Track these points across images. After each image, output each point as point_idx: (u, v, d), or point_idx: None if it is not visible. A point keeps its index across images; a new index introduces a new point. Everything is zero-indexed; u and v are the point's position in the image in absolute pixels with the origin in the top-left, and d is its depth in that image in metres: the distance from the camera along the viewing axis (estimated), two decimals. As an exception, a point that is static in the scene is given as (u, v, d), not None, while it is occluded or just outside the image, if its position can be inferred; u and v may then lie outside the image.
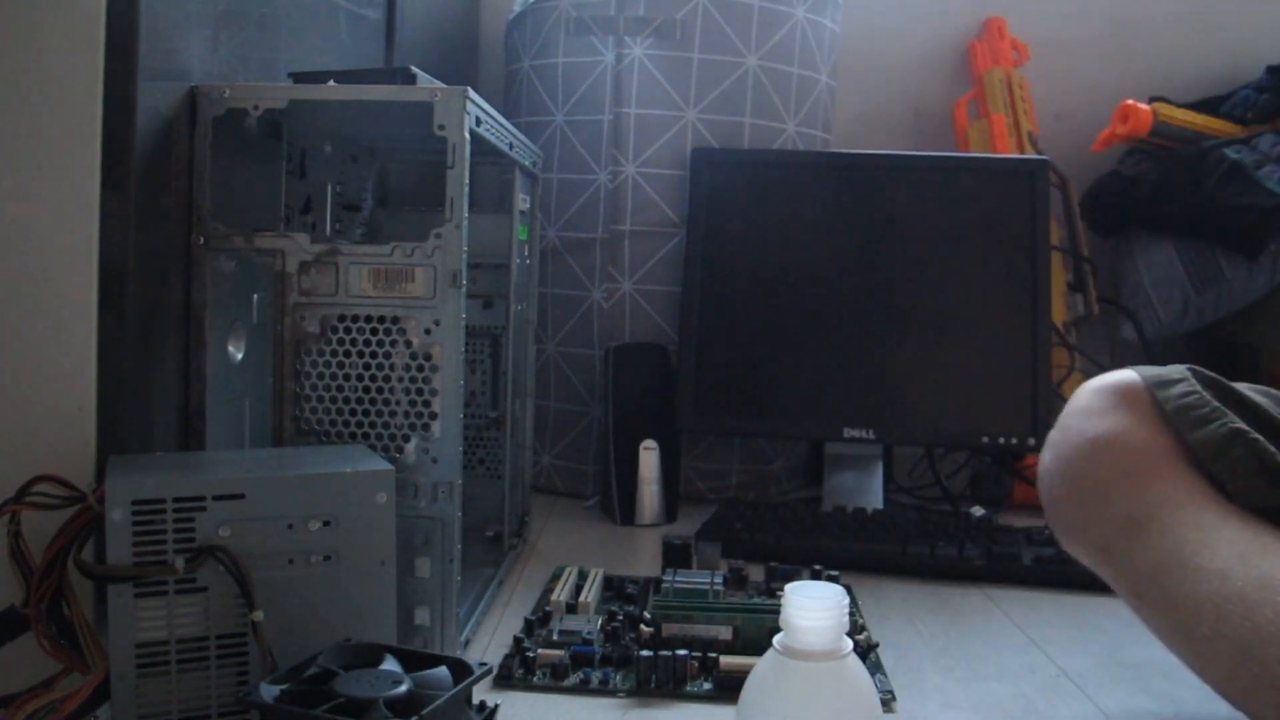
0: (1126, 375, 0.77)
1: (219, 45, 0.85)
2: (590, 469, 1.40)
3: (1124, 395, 0.76)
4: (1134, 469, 0.73)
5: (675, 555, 1.00)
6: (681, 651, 0.79)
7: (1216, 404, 0.73)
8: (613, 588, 1.00)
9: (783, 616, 0.54)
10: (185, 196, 0.80)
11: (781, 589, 0.91)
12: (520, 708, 0.76)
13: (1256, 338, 1.47)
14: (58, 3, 0.71)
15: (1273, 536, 0.67)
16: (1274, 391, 0.76)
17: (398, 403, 0.81)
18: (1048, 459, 0.80)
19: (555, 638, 0.86)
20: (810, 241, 1.33)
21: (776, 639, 0.54)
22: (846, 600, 0.55)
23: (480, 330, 1.22)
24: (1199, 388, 0.74)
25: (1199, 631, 0.65)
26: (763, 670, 0.55)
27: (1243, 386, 0.75)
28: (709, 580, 0.89)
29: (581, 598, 0.93)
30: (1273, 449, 0.70)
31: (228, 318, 0.83)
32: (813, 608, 0.53)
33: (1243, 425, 0.71)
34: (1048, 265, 1.30)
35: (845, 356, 1.31)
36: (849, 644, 0.54)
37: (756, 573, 0.98)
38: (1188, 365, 0.76)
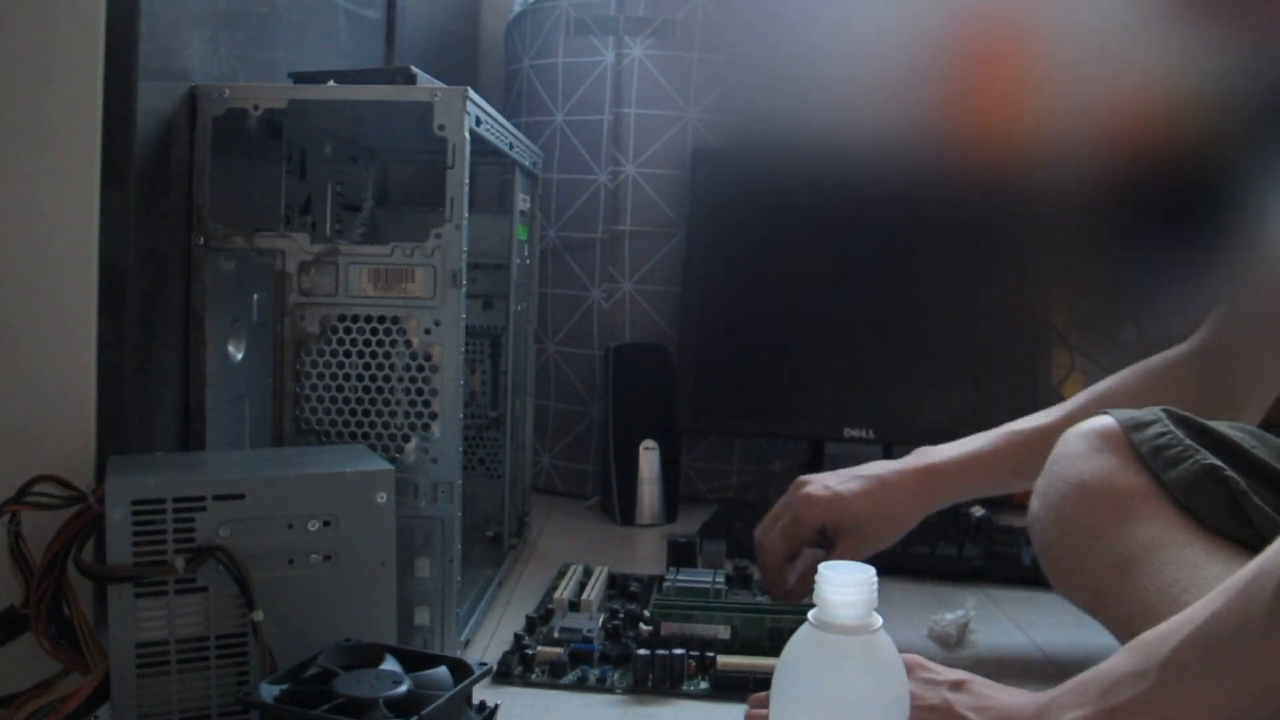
0: (1105, 420, 0.79)
1: (219, 45, 0.85)
2: (590, 469, 1.40)
3: (1104, 439, 0.77)
4: (1120, 511, 0.74)
5: (680, 553, 1.00)
6: (679, 651, 0.79)
7: (1189, 442, 0.74)
8: (616, 586, 1.00)
9: (816, 593, 0.57)
10: (185, 196, 0.80)
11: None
12: (519, 705, 0.76)
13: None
14: (58, 3, 0.71)
15: None
16: (1251, 428, 0.77)
17: (398, 403, 0.81)
18: (1037, 505, 0.81)
19: (556, 635, 0.86)
20: (810, 241, 1.33)
21: (811, 614, 0.57)
22: (876, 579, 0.56)
23: (480, 330, 1.22)
24: (1172, 427, 0.75)
25: None
26: (797, 643, 0.57)
27: (1218, 424, 0.76)
28: (710, 579, 0.89)
29: (584, 595, 0.93)
30: (1244, 485, 0.71)
31: (228, 318, 0.83)
32: (846, 583, 0.56)
33: (1216, 462, 0.72)
34: (1048, 265, 1.30)
35: (845, 356, 1.31)
36: (879, 619, 0.56)
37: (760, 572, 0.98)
38: (1162, 407, 0.77)
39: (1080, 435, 0.79)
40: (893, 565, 1.09)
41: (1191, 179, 1.46)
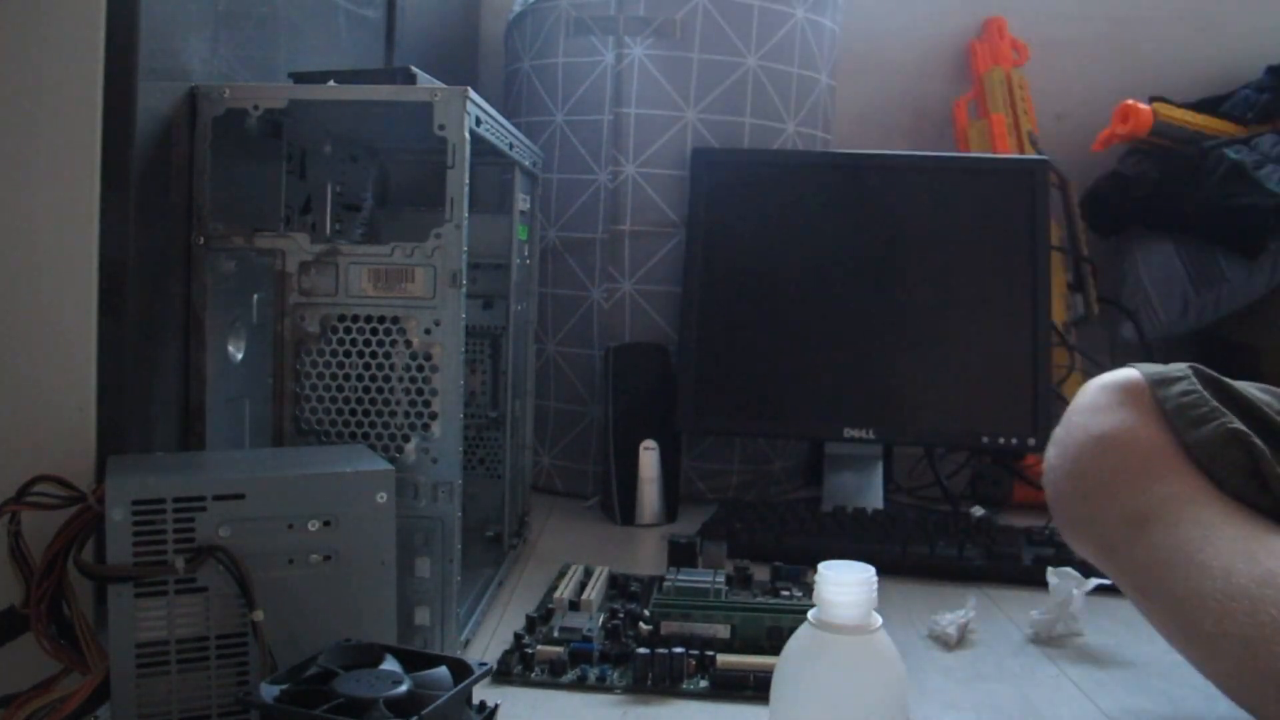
0: (1129, 373, 0.78)
1: (219, 45, 0.85)
2: (590, 469, 1.40)
3: (1128, 393, 0.76)
4: (1138, 467, 0.74)
5: (681, 554, 1.00)
6: (679, 650, 0.79)
7: (1215, 404, 0.73)
8: (617, 586, 1.00)
9: (816, 593, 0.57)
10: (185, 196, 0.80)
11: (786, 588, 0.92)
12: (518, 704, 0.76)
13: (1256, 338, 1.47)
14: (58, 3, 0.71)
15: (1275, 533, 0.67)
16: (1277, 390, 0.76)
17: (398, 403, 0.81)
18: (1053, 455, 0.80)
19: (556, 634, 0.86)
20: (810, 241, 1.33)
21: (811, 614, 0.56)
22: (876, 579, 0.56)
23: (480, 330, 1.22)
24: (1199, 387, 0.74)
25: (1203, 628, 0.65)
26: (797, 644, 0.57)
27: (1245, 385, 0.75)
28: (710, 579, 0.89)
29: (585, 595, 0.93)
30: (1267, 452, 0.70)
31: (228, 318, 0.83)
32: (846, 583, 0.56)
33: (1240, 426, 0.71)
34: (1048, 265, 1.30)
35: (845, 356, 1.31)
36: (879, 619, 0.56)
37: (761, 572, 0.98)
38: (1190, 364, 0.76)
39: (1102, 387, 0.78)
40: (893, 565, 1.09)
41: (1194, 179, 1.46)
